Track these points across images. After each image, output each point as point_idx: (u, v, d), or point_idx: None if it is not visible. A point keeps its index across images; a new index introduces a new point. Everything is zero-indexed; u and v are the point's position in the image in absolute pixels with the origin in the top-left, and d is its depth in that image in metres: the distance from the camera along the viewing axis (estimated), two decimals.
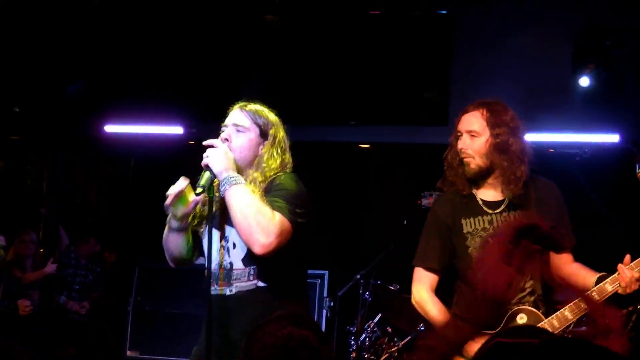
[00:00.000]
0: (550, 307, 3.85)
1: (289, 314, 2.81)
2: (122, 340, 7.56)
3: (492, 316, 1.91)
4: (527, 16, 7.69)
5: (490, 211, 3.95)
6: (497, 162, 3.91)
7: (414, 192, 6.79)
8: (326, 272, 7.65)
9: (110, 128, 9.13)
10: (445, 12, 7.60)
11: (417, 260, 4.13)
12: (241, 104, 3.73)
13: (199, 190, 3.46)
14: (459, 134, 4.04)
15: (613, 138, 8.22)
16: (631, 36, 7.09)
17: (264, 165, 3.63)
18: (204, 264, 3.69)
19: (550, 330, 3.72)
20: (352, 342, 6.91)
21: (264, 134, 3.66)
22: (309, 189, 3.69)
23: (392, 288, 7.05)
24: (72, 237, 8.94)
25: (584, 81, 7.67)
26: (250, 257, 3.54)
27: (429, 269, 4.09)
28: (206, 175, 3.47)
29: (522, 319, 3.80)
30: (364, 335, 6.89)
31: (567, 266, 3.99)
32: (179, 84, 8.24)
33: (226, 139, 3.60)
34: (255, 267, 3.54)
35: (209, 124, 3.81)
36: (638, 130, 7.82)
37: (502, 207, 3.94)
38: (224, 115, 3.77)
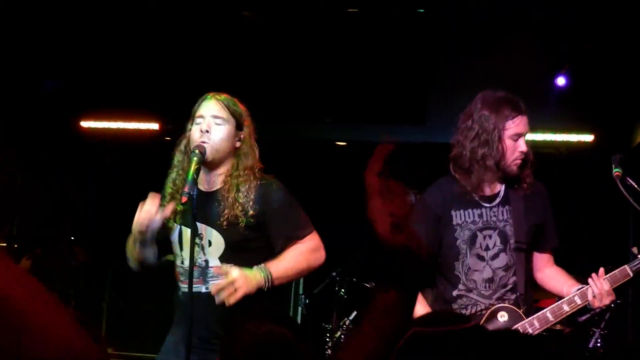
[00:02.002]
0: (531, 306, 3.88)
1: (267, 311, 2.81)
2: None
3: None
4: (504, 16, 7.72)
5: (484, 204, 3.96)
6: (486, 153, 3.90)
7: None
8: None
9: (86, 124, 9.08)
10: (423, 10, 7.60)
11: None
12: (213, 94, 3.66)
13: (184, 199, 3.39)
14: (516, 137, 3.91)
15: (589, 138, 8.29)
16: (606, 35, 7.14)
17: (243, 157, 3.61)
18: (174, 261, 3.69)
19: (530, 330, 3.75)
20: (328, 340, 6.92)
21: (239, 125, 3.63)
22: (286, 186, 3.70)
23: (368, 285, 7.06)
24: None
25: (560, 81, 7.73)
26: (227, 255, 3.54)
27: None
28: (190, 180, 3.40)
29: (502, 316, 3.81)
30: (339, 333, 6.89)
31: (546, 269, 4.03)
32: (156, 79, 8.20)
33: (207, 131, 3.55)
34: (232, 265, 3.52)
35: (186, 120, 3.74)
36: (613, 129, 7.88)
37: (496, 202, 3.96)
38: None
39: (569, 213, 7.08)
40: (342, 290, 7.09)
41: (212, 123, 3.57)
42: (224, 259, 3.55)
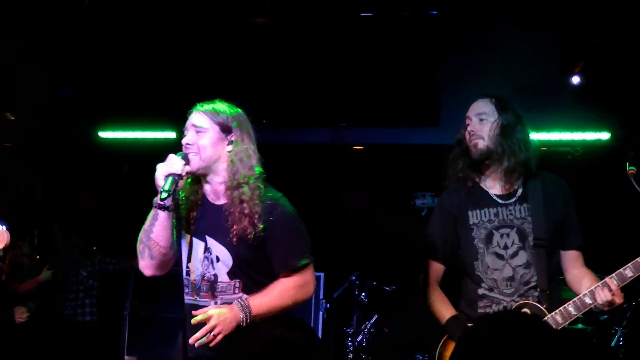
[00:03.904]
0: (556, 303, 3.88)
1: (279, 317, 2.83)
2: (119, 345, 7.55)
3: None
4: (517, 15, 7.72)
5: (500, 202, 3.98)
6: (504, 146, 3.95)
7: (407, 193, 6.81)
8: (322, 274, 7.66)
9: (104, 134, 9.14)
10: (435, 12, 7.61)
11: (424, 251, 4.19)
12: (198, 105, 3.67)
13: (164, 195, 3.39)
14: (467, 120, 4.06)
15: (604, 135, 8.27)
16: (621, 34, 7.12)
17: (238, 162, 3.58)
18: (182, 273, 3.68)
19: (554, 326, 3.76)
20: (350, 343, 6.93)
21: (226, 130, 3.61)
22: (303, 192, 3.71)
23: (388, 289, 7.08)
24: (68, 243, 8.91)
25: (575, 79, 7.72)
26: (235, 271, 3.55)
27: (433, 259, 4.13)
28: (170, 179, 3.40)
29: (525, 313, 3.82)
30: (360, 336, 6.91)
31: (574, 270, 4.02)
32: (172, 88, 8.24)
33: (188, 144, 3.56)
34: (240, 280, 3.55)
35: None
36: (628, 127, 7.86)
37: (512, 200, 3.98)
38: None
39: (584, 210, 7.07)
40: (363, 294, 7.10)
41: (193, 134, 3.59)
42: (232, 274, 3.56)
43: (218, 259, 3.57)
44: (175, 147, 3.61)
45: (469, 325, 3.87)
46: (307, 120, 8.30)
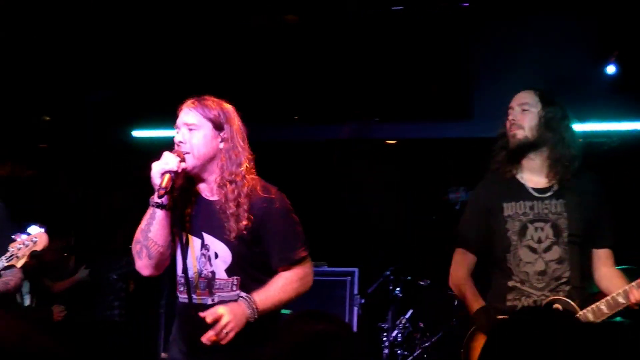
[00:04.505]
0: (587, 300, 3.84)
1: (312, 312, 2.83)
2: (155, 342, 7.58)
3: None
4: (551, 5, 7.64)
5: (536, 195, 3.95)
6: (545, 139, 3.93)
7: (440, 187, 6.78)
8: (356, 270, 7.64)
9: (138, 133, 9.19)
10: (467, 4, 7.56)
11: (457, 241, 4.17)
12: (189, 101, 3.64)
13: (161, 192, 3.36)
14: (510, 110, 4.04)
15: None
16: None
17: (228, 160, 3.54)
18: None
19: None
20: (385, 339, 6.92)
21: (218, 127, 3.56)
22: (336, 188, 3.70)
23: (423, 283, 7.05)
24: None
25: (610, 69, 7.62)
26: (234, 268, 3.53)
27: (466, 249, 4.12)
28: (166, 177, 3.38)
29: (557, 309, 3.78)
30: (396, 332, 6.89)
31: (603, 269, 3.98)
32: (203, 85, 8.25)
33: (181, 142, 3.53)
34: (238, 277, 3.53)
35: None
36: None
37: (548, 194, 3.95)
38: (250, 116, 3.74)
39: (621, 202, 6.98)
40: (397, 289, 7.08)
41: (185, 132, 3.56)
42: (230, 271, 3.54)
43: (217, 256, 3.55)
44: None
45: (500, 317, 3.83)
46: (338, 116, 8.27)
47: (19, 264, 3.80)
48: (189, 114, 3.58)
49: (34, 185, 10.00)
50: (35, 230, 3.86)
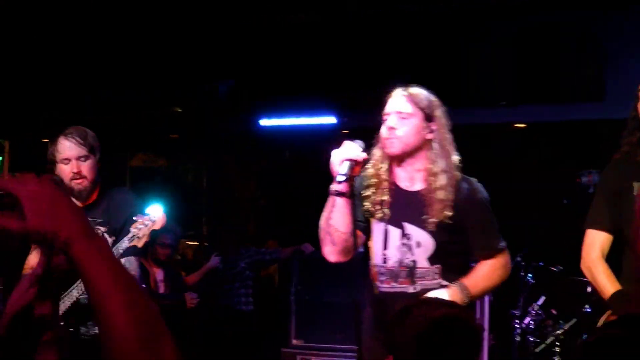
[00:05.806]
0: None
1: (424, 299, 2.84)
2: (286, 328, 7.67)
3: None
4: None
5: None
6: None
7: (572, 170, 6.60)
8: None
9: (264, 122, 9.33)
10: None
11: (587, 223, 4.00)
12: (399, 89, 3.67)
13: (340, 178, 3.39)
14: (639, 91, 3.88)
15: None
16: None
17: (437, 151, 3.60)
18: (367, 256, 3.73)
19: None
20: (517, 326, 6.81)
21: (429, 118, 3.61)
22: (469, 172, 3.69)
23: (555, 269, 6.90)
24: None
25: None
26: (436, 256, 3.58)
27: (599, 229, 3.93)
28: (346, 165, 3.40)
29: None
30: (528, 319, 6.77)
31: None
32: (330, 72, 8.30)
33: (392, 127, 3.57)
34: (440, 266, 3.59)
35: (361, 112, 3.78)
36: None
37: None
38: (375, 102, 3.73)
39: None
40: (529, 275, 6.95)
41: (396, 119, 3.59)
42: (432, 260, 3.59)
43: (419, 245, 3.59)
44: (335, 132, 3.63)
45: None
46: (466, 100, 8.16)
47: (140, 243, 3.96)
48: (403, 102, 3.63)
49: (166, 175, 10.32)
50: (153, 210, 4.01)
